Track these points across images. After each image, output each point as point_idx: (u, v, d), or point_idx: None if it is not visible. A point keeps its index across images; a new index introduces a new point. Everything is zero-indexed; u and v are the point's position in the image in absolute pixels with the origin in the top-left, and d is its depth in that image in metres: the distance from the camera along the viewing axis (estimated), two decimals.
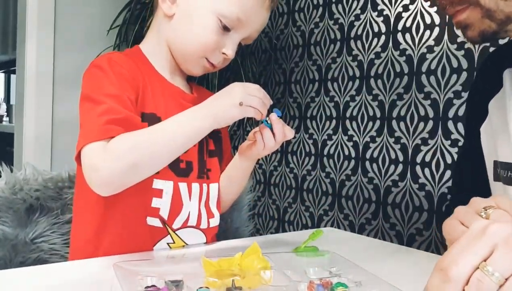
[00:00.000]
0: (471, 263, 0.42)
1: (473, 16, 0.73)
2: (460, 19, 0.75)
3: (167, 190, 0.85)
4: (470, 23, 0.74)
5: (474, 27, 0.74)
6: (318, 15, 1.89)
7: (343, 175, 1.78)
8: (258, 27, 0.92)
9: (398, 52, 1.59)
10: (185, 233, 0.89)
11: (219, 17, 0.86)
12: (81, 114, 0.82)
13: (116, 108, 0.79)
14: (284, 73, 2.04)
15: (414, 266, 0.82)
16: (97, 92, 0.80)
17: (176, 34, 0.90)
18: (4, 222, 0.89)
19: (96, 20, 2.25)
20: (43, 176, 0.96)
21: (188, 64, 0.92)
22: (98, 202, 0.83)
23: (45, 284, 0.66)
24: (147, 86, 0.87)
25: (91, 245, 0.85)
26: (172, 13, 0.90)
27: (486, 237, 0.42)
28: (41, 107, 2.15)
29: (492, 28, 0.73)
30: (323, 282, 0.60)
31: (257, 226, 2.14)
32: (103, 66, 0.83)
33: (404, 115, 1.56)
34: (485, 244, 0.42)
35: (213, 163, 0.95)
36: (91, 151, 0.76)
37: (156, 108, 0.86)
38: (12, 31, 3.55)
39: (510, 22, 0.73)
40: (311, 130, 1.91)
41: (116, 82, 0.82)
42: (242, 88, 0.80)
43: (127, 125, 0.78)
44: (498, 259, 0.41)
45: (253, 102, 0.79)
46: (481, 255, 0.42)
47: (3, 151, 2.90)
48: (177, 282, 0.58)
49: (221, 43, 0.89)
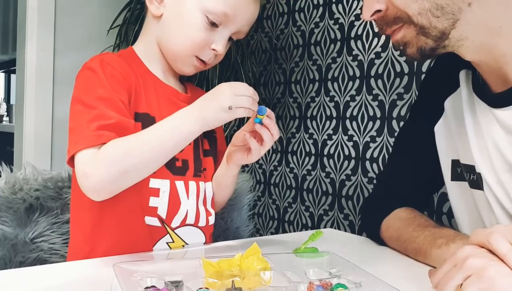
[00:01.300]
0: (453, 286, 0.58)
1: (408, 34, 0.76)
2: (397, 38, 0.78)
3: (164, 189, 0.85)
4: (407, 41, 0.77)
5: (412, 44, 0.76)
6: (318, 15, 1.89)
7: (343, 175, 1.78)
8: (248, 21, 0.91)
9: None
10: (184, 231, 0.89)
11: (205, 14, 0.86)
12: (71, 117, 0.82)
13: (107, 113, 0.78)
14: (284, 73, 2.04)
15: (414, 266, 0.82)
16: (89, 96, 0.80)
17: (165, 34, 0.90)
18: (4, 221, 0.89)
19: (96, 20, 2.25)
20: (43, 176, 0.96)
21: (179, 63, 0.92)
22: (93, 202, 0.83)
23: (45, 284, 0.66)
24: (140, 86, 0.87)
25: (87, 245, 0.85)
26: (160, 14, 0.90)
27: (464, 268, 0.57)
28: (41, 107, 2.15)
29: (429, 44, 0.75)
30: (322, 283, 0.60)
31: (257, 226, 2.14)
32: (95, 68, 0.83)
33: (405, 115, 1.56)
34: (463, 273, 0.57)
35: (208, 162, 0.96)
36: (82, 158, 0.77)
37: (150, 108, 0.86)
38: (12, 31, 3.55)
39: (446, 38, 0.74)
40: (311, 130, 1.91)
41: (107, 84, 0.81)
42: (229, 90, 0.78)
43: (118, 130, 0.78)
44: (470, 285, 0.56)
45: (243, 102, 0.78)
46: (459, 280, 0.57)
47: (3, 151, 2.90)
48: (177, 282, 0.58)
49: (210, 39, 0.88)
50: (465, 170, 0.85)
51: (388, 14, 0.76)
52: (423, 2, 0.72)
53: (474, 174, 0.82)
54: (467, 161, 0.84)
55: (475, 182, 0.83)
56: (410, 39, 0.76)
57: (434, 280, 0.61)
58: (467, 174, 0.85)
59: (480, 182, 0.81)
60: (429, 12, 0.72)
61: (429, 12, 0.72)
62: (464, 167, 0.86)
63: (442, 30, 0.73)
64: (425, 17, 0.73)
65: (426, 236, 0.81)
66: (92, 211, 0.85)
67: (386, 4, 0.75)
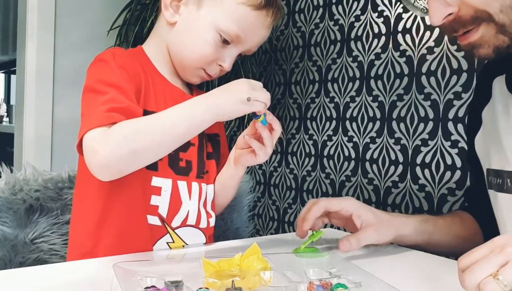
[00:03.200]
0: (487, 272, 0.52)
1: (487, 33, 0.72)
2: (472, 39, 0.73)
3: (165, 188, 0.86)
4: (484, 41, 0.73)
5: (489, 44, 0.73)
6: (318, 16, 1.89)
7: (343, 176, 1.78)
8: (258, 43, 0.94)
9: (398, 53, 1.59)
10: (185, 232, 0.89)
11: (219, 32, 0.88)
12: (83, 104, 0.83)
13: (118, 98, 0.79)
14: (284, 74, 2.04)
15: (414, 266, 0.82)
16: (100, 83, 0.81)
17: (176, 43, 0.91)
18: (4, 222, 0.90)
19: (96, 21, 2.25)
20: (43, 176, 0.96)
21: (186, 73, 0.94)
22: (99, 196, 0.84)
23: (45, 284, 0.66)
24: (150, 85, 0.88)
25: (91, 241, 0.85)
26: (174, 21, 0.91)
27: (503, 254, 0.53)
28: (41, 107, 2.15)
29: (506, 42, 0.72)
30: (322, 283, 0.60)
31: (257, 227, 2.14)
32: (107, 59, 0.84)
33: (404, 116, 1.56)
34: (502, 258, 0.52)
35: (211, 165, 0.96)
36: (92, 136, 0.76)
37: (157, 106, 0.87)
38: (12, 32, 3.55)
39: None
40: (311, 131, 1.91)
41: (119, 74, 0.83)
42: (248, 84, 0.79)
43: (128, 114, 0.78)
44: (509, 271, 0.51)
45: (260, 96, 0.79)
46: (496, 264, 0.52)
47: (3, 151, 2.90)
48: (177, 282, 0.58)
49: (219, 56, 0.90)
50: (492, 175, 0.85)
51: (463, 15, 0.72)
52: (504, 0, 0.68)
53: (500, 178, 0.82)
54: (496, 166, 0.84)
55: (498, 185, 0.83)
56: (489, 38, 0.72)
57: (464, 262, 0.56)
58: (495, 179, 0.84)
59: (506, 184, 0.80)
60: (510, 8, 0.68)
61: (510, 9, 0.69)
62: (492, 172, 0.85)
63: None
64: (506, 15, 0.69)
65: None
66: (96, 207, 0.85)
67: (458, 6, 0.71)
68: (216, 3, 0.88)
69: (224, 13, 0.87)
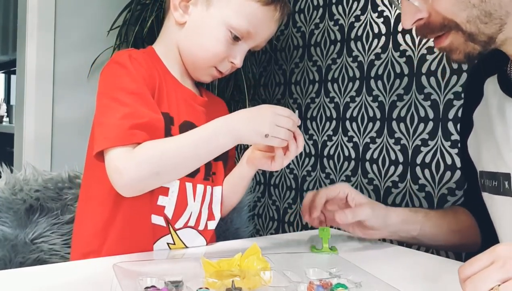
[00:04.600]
0: (489, 285, 0.52)
1: (456, 41, 0.74)
2: (443, 45, 0.75)
3: (173, 189, 0.86)
4: (454, 47, 0.74)
5: (459, 51, 0.74)
6: (318, 16, 1.89)
7: (343, 176, 1.78)
8: (268, 38, 0.95)
9: (398, 53, 1.59)
10: (185, 233, 0.89)
11: (229, 29, 0.89)
12: (99, 110, 0.83)
13: (140, 111, 0.80)
14: (284, 74, 2.04)
15: (414, 266, 0.82)
16: (119, 90, 0.81)
17: (187, 43, 0.92)
18: (4, 222, 0.89)
19: (96, 21, 2.25)
20: (43, 177, 0.96)
21: (198, 72, 0.95)
22: (109, 197, 0.84)
23: (45, 284, 0.66)
24: (163, 86, 0.89)
25: (98, 239, 0.86)
26: (183, 21, 0.91)
27: (505, 269, 0.52)
28: (41, 107, 2.15)
29: (477, 50, 0.74)
30: (322, 283, 0.60)
31: (257, 227, 2.14)
32: (124, 63, 0.84)
33: (404, 116, 1.56)
34: (504, 274, 0.52)
35: (218, 167, 0.96)
36: (116, 155, 0.78)
37: (170, 108, 0.88)
38: (12, 32, 3.55)
39: (493, 42, 0.73)
40: (311, 131, 1.91)
41: (138, 79, 0.83)
42: (271, 118, 0.79)
43: (150, 129, 0.80)
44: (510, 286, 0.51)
45: (280, 134, 0.79)
46: (497, 280, 0.52)
47: (3, 151, 2.90)
48: (177, 282, 0.58)
49: (230, 52, 0.91)
50: (486, 177, 0.85)
51: (433, 21, 0.74)
52: (471, 10, 0.70)
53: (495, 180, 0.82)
54: (489, 168, 0.84)
55: (493, 187, 0.83)
56: (458, 45, 0.74)
57: (466, 272, 0.55)
58: (489, 181, 0.84)
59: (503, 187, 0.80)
60: (478, 19, 0.70)
61: (478, 19, 0.70)
62: (485, 175, 0.85)
63: (490, 36, 0.72)
64: (473, 25, 0.71)
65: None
66: (105, 206, 0.85)
67: (428, 11, 0.73)
68: (225, 1, 0.89)
69: (233, 10, 0.88)
